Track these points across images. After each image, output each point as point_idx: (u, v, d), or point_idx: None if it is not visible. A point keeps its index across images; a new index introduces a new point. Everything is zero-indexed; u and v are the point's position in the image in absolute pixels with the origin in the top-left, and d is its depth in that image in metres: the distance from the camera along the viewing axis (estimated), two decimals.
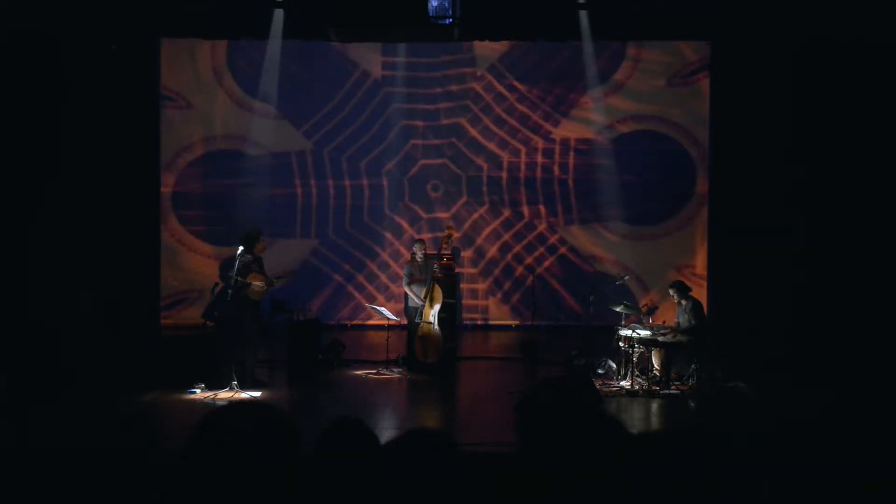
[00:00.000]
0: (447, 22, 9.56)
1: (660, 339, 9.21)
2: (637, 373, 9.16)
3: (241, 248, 9.02)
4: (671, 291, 9.70)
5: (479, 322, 12.93)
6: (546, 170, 12.91)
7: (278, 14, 11.36)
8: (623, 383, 9.35)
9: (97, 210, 10.19)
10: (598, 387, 8.93)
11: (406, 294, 10.54)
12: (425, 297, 10.11)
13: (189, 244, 12.72)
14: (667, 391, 9.03)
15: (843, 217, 9.50)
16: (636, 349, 9.22)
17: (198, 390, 8.78)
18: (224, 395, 8.61)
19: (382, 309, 10.64)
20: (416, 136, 13.00)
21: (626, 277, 10.52)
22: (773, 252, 10.03)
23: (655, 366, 9.27)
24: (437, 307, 10.10)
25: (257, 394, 8.79)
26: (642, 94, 12.64)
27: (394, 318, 10.48)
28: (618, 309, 9.80)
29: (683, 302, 9.49)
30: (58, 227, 9.72)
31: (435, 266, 10.25)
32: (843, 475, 2.68)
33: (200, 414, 1.95)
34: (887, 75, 9.24)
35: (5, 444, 5.85)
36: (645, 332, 9.30)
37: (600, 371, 9.97)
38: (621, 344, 9.52)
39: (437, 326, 10.08)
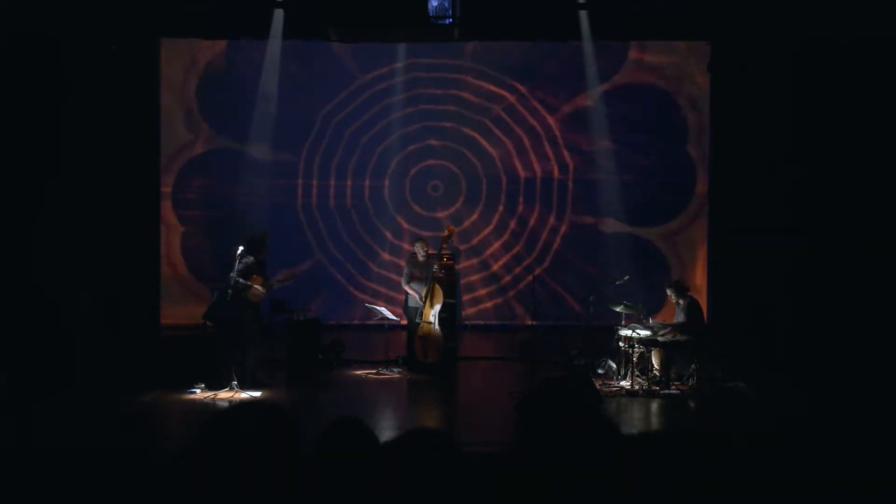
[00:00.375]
0: (447, 22, 9.55)
1: (659, 338, 9.21)
2: (637, 373, 9.17)
3: (240, 248, 9.01)
4: (669, 291, 9.71)
5: (479, 322, 12.92)
6: (546, 170, 12.90)
7: (278, 14, 11.34)
8: (623, 383, 9.36)
9: (97, 210, 10.17)
10: (598, 387, 8.93)
11: (406, 293, 10.54)
12: (425, 297, 10.11)
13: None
14: (667, 391, 9.03)
15: (844, 217, 9.48)
16: (636, 349, 9.22)
17: (198, 390, 8.78)
18: (224, 395, 8.61)
19: (382, 308, 10.64)
20: (417, 137, 12.99)
21: (627, 277, 10.51)
22: (773, 252, 10.02)
23: (655, 366, 9.27)
24: (437, 307, 10.09)
25: (257, 394, 8.79)
26: (642, 94, 12.63)
27: (394, 317, 10.48)
28: (618, 309, 9.80)
29: (681, 301, 9.50)
30: (58, 226, 9.70)
31: (435, 266, 10.24)
32: (842, 475, 2.68)
33: (200, 414, 1.95)
34: (888, 75, 9.23)
35: (5, 444, 5.85)
36: (645, 332, 9.30)
37: (600, 371, 9.97)
38: (621, 344, 9.53)
39: (437, 326, 10.08)
